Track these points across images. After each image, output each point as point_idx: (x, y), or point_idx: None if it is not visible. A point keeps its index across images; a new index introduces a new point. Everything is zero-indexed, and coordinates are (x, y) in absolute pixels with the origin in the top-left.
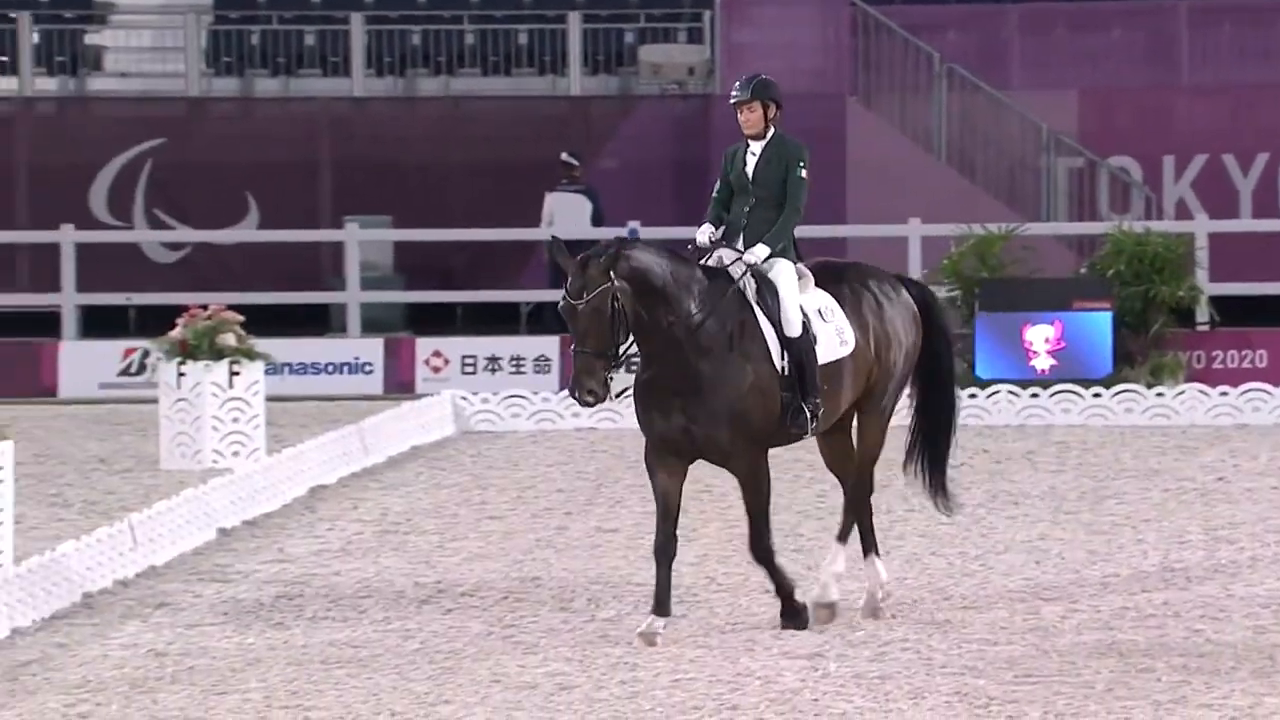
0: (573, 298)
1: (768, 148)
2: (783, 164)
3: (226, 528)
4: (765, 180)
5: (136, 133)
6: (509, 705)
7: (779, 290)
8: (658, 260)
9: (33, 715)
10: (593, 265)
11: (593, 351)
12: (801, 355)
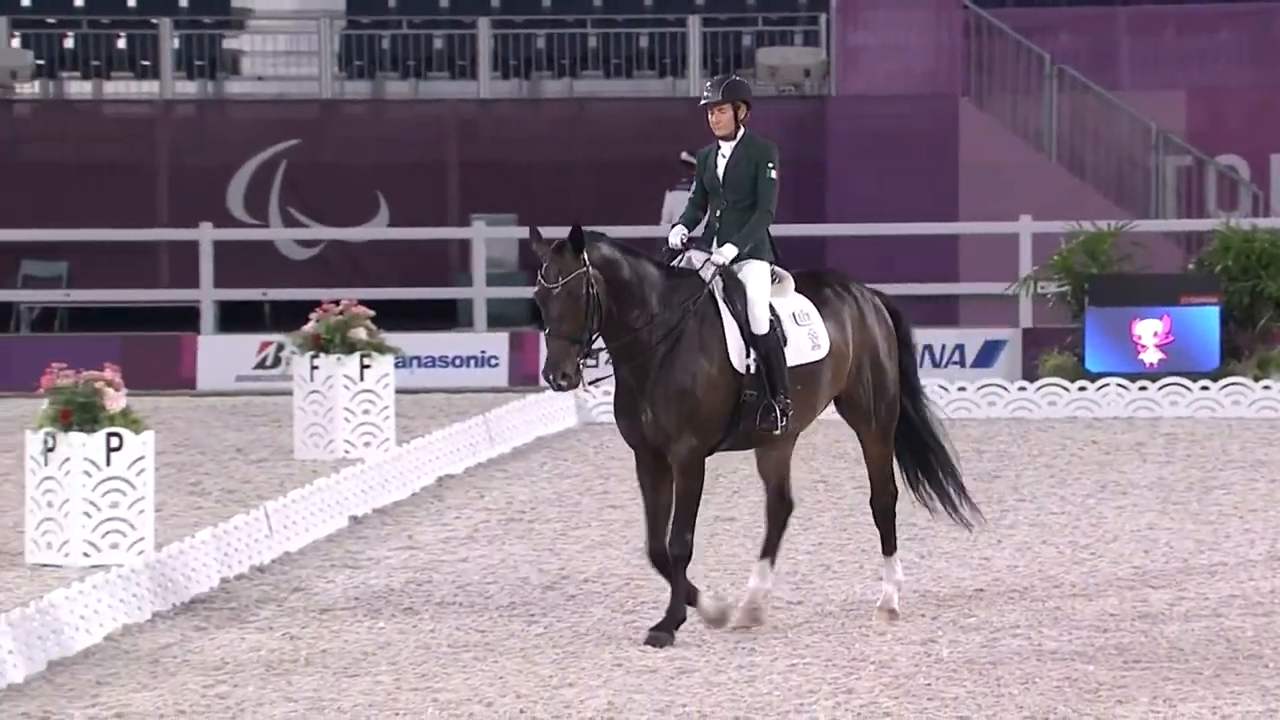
0: (547, 281)
1: (737, 148)
2: (752, 164)
3: (358, 515)
4: (735, 182)
5: (272, 134)
6: (630, 689)
7: (747, 290)
8: (624, 256)
9: (173, 696)
10: (567, 250)
11: (566, 336)
12: (769, 352)
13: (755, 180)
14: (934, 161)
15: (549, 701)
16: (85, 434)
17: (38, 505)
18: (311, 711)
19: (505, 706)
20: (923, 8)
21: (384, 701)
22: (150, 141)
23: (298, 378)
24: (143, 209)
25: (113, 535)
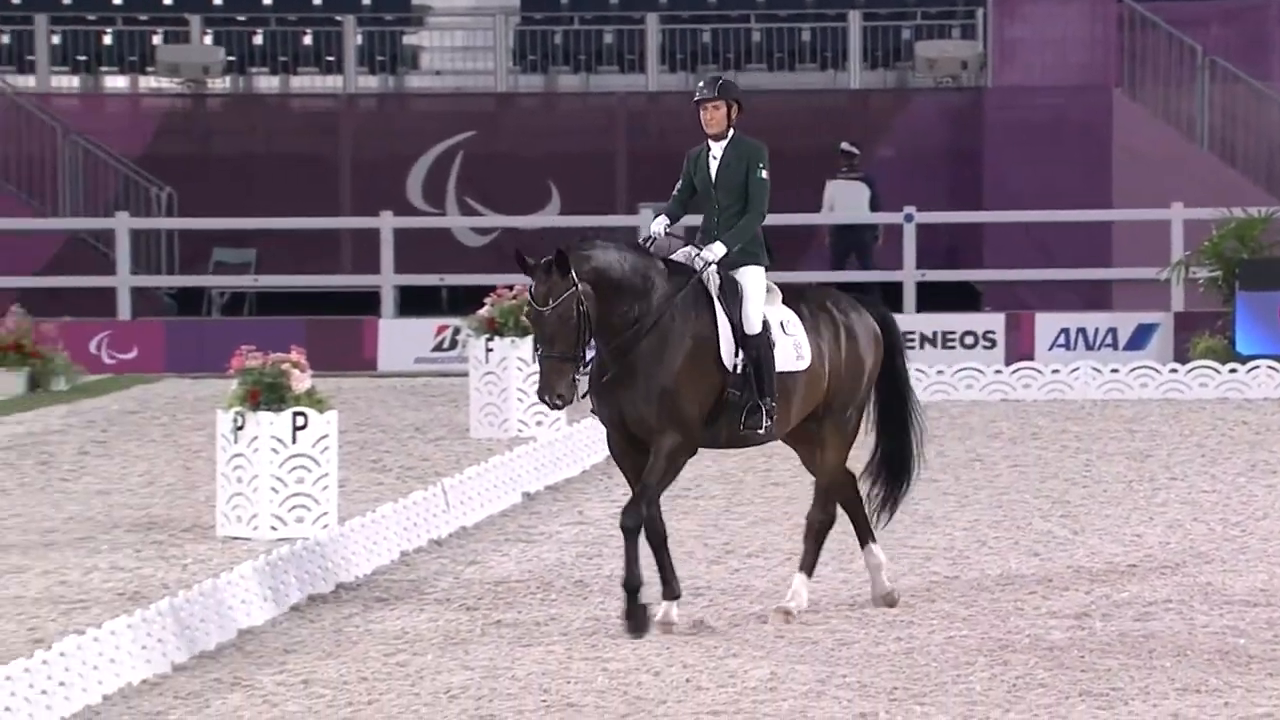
0: (538, 304)
1: (728, 149)
2: (743, 165)
3: (531, 492)
4: (727, 183)
5: (449, 126)
6: (792, 659)
7: (742, 290)
8: (617, 256)
9: (355, 664)
10: (556, 270)
11: (559, 355)
12: (759, 353)
13: (746, 181)
14: (1088, 151)
15: (714, 671)
16: (273, 413)
17: (228, 481)
18: (487, 679)
19: (672, 675)
20: (1078, 1)
21: (556, 670)
22: (334, 134)
23: (473, 359)
24: (327, 198)
25: (298, 510)
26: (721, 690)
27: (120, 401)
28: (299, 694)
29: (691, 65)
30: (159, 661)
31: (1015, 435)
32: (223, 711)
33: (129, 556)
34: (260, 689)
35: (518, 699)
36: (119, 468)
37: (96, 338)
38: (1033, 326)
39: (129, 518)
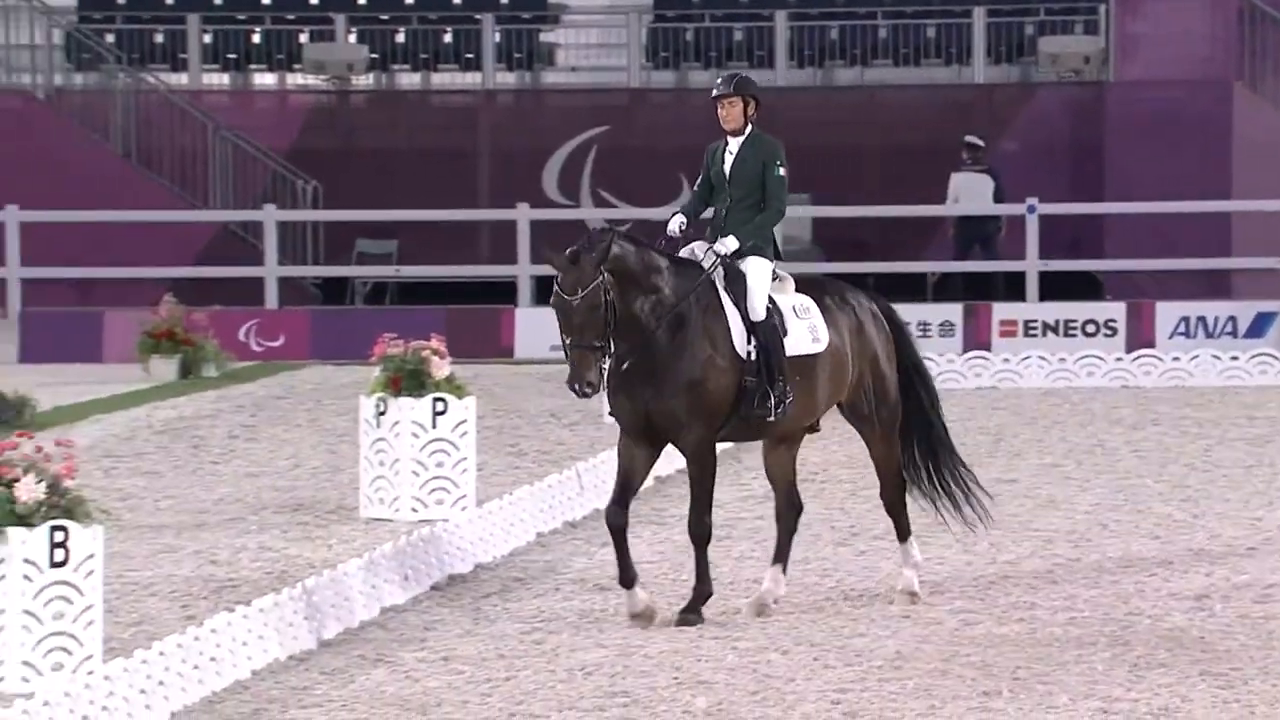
0: (567, 293)
1: (745, 145)
2: (759, 161)
3: (662, 476)
4: (741, 178)
5: (584, 120)
6: (918, 639)
7: (747, 279)
8: (633, 250)
9: (493, 641)
10: (584, 260)
11: (588, 345)
12: (766, 339)
13: (762, 177)
14: (1208, 143)
15: (841, 650)
16: (413, 399)
17: (371, 464)
18: (620, 657)
19: (800, 654)
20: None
21: (687, 649)
22: (473, 129)
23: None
24: (465, 191)
25: (438, 492)
26: (848, 669)
27: (268, 387)
28: (439, 670)
29: (819, 61)
30: (305, 638)
31: (1136, 421)
32: (366, 686)
33: (276, 537)
34: (402, 665)
35: (650, 676)
36: (267, 451)
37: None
38: (1153, 315)
39: (276, 499)
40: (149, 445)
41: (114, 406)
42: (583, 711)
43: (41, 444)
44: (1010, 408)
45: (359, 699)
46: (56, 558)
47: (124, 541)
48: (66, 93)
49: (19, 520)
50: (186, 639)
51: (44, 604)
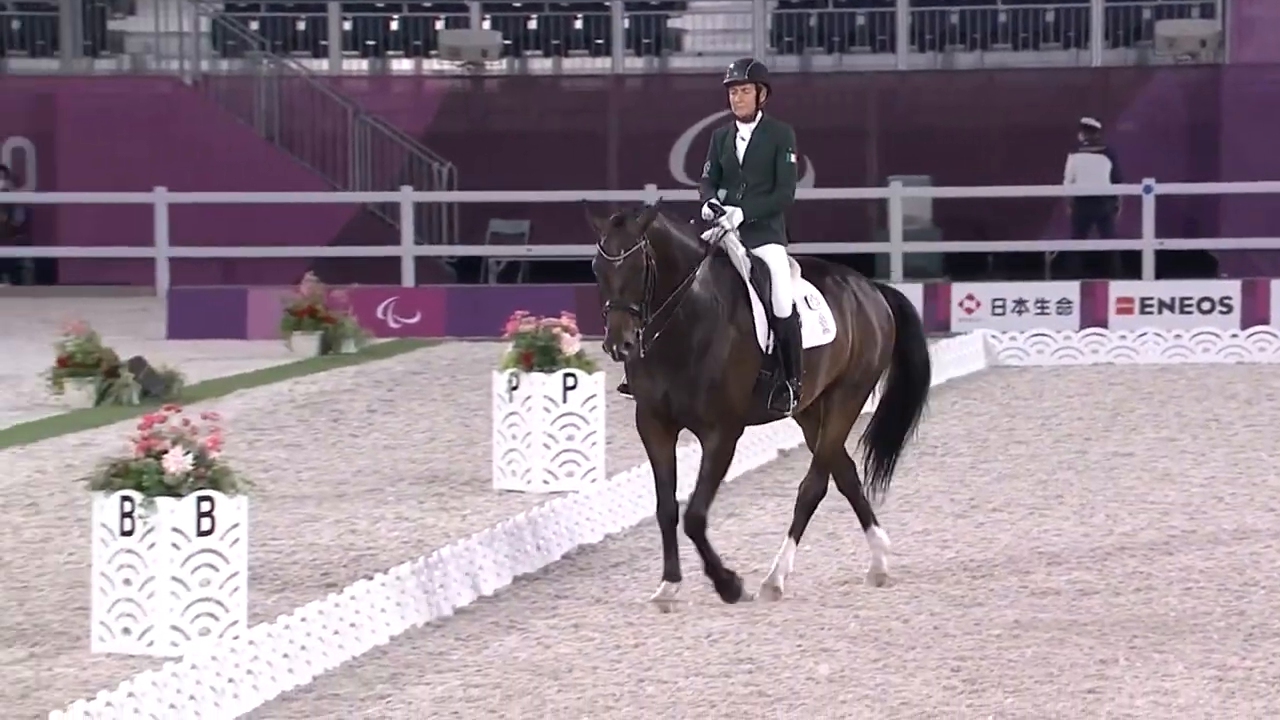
0: (609, 254)
1: (757, 131)
2: (772, 147)
3: (786, 449)
4: (755, 164)
5: (710, 104)
6: (1035, 608)
7: (771, 271)
8: (675, 228)
9: (622, 609)
10: (629, 224)
11: (627, 307)
12: (788, 335)
13: (774, 162)
14: None
15: (960, 619)
16: (545, 374)
17: (503, 437)
18: (745, 624)
19: (920, 623)
20: None
21: (811, 617)
22: (603, 112)
23: None
24: (595, 172)
25: (569, 464)
26: (968, 637)
27: (405, 363)
28: (570, 637)
29: (940, 45)
30: (442, 605)
31: (1250, 396)
32: (500, 653)
33: (413, 507)
34: (534, 632)
35: (774, 643)
36: (403, 425)
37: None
38: (1268, 292)
39: (413, 471)
40: (291, 419)
41: (257, 381)
42: (709, 678)
43: (189, 417)
44: (1126, 383)
45: (492, 664)
46: (203, 527)
47: (267, 511)
48: (213, 78)
49: (168, 490)
50: (327, 605)
51: (191, 571)
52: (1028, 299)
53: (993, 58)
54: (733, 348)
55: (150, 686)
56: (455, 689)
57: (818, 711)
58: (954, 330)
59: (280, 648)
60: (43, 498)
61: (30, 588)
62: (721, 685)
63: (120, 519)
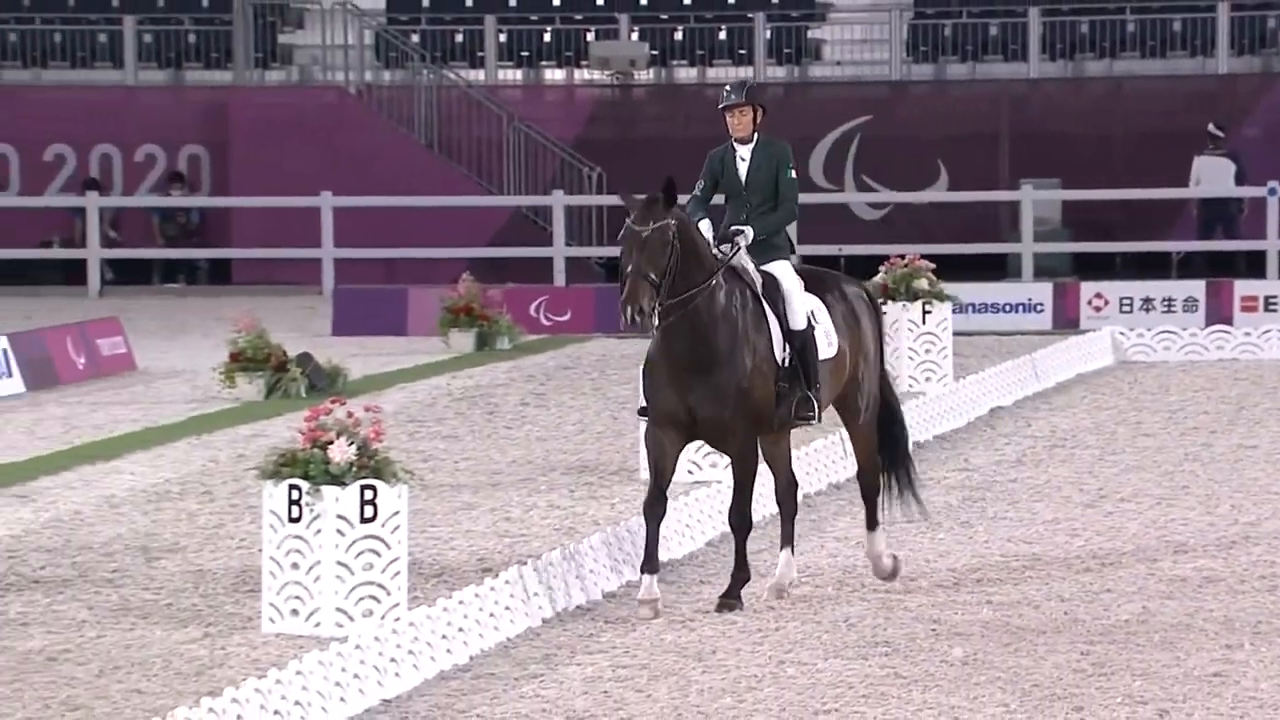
0: (637, 224)
1: (756, 152)
2: (773, 166)
3: (920, 441)
4: (758, 184)
5: (848, 111)
6: (1162, 595)
7: (782, 286)
8: (696, 229)
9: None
10: (659, 202)
11: (646, 276)
12: (805, 346)
13: (776, 181)
14: None
15: (1090, 605)
16: None
17: None
18: (881, 610)
19: (1051, 609)
20: None
21: (945, 602)
22: None
23: None
24: None
25: (711, 455)
26: (1096, 622)
27: (556, 358)
28: (713, 620)
29: (1070, 54)
30: (591, 589)
31: None
32: (647, 635)
33: (564, 496)
34: (680, 615)
35: (909, 628)
36: (555, 417)
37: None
38: None
39: (564, 462)
40: (448, 411)
41: (417, 376)
42: (847, 660)
43: (352, 410)
44: (1251, 378)
45: (640, 646)
46: (366, 514)
47: (426, 500)
48: (376, 88)
49: (333, 480)
50: (483, 589)
51: (355, 556)
52: (1155, 297)
53: (1121, 65)
54: (756, 358)
55: (317, 665)
56: (604, 669)
57: (952, 693)
58: (1083, 327)
59: (439, 629)
60: (216, 486)
61: (205, 571)
62: (859, 667)
63: (288, 506)
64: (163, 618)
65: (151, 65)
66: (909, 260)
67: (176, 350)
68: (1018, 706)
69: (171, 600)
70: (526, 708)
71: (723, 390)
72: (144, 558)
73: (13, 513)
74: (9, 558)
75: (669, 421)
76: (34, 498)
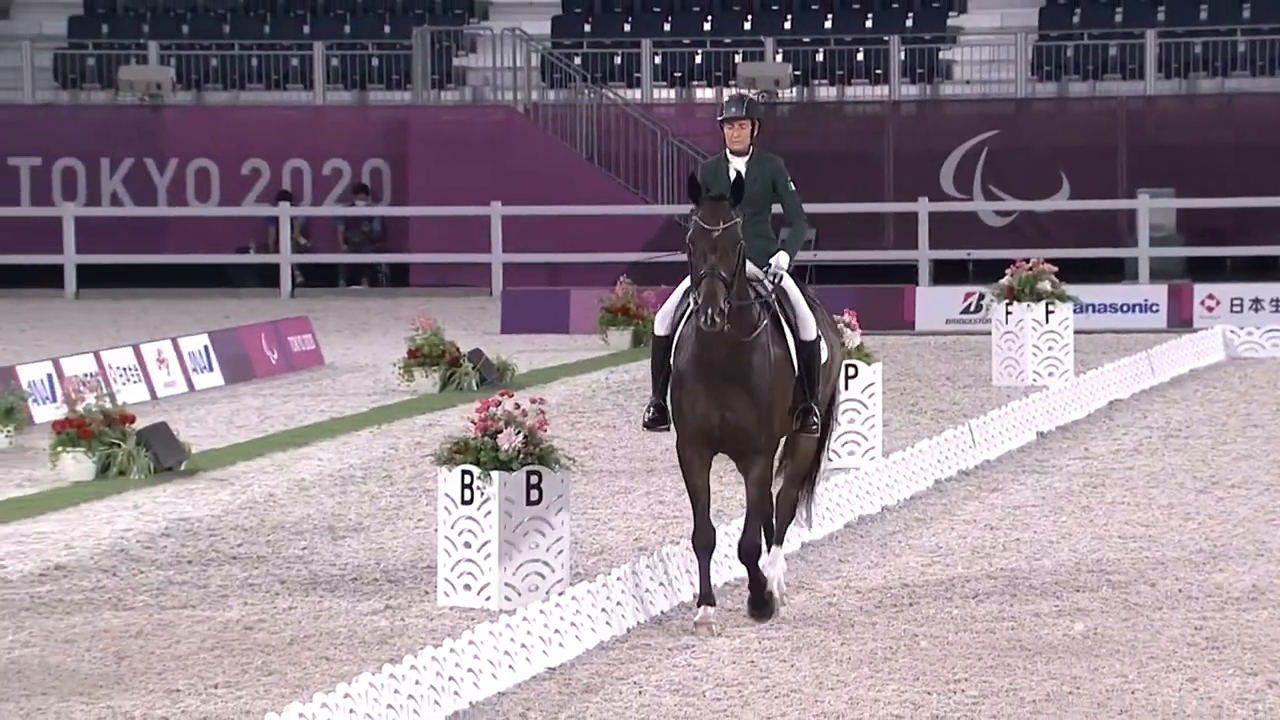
0: (708, 224)
1: (751, 164)
2: (768, 179)
3: (1044, 431)
4: (752, 196)
5: (976, 126)
6: (1270, 575)
7: (790, 296)
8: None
9: (898, 572)
10: (726, 202)
11: (721, 276)
12: (811, 358)
13: (772, 193)
14: None
15: (1202, 583)
16: None
17: None
18: (1008, 587)
19: (1166, 586)
20: None
21: (1065, 581)
22: (880, 134)
23: (995, 320)
24: (874, 187)
25: (850, 444)
26: (1209, 599)
27: None
28: (851, 596)
29: (1184, 72)
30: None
31: None
32: (790, 609)
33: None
34: (819, 591)
35: (1034, 604)
36: None
37: None
38: None
39: None
40: (607, 403)
41: (578, 370)
42: (975, 633)
43: (520, 402)
44: None
45: (783, 619)
46: (532, 497)
47: (586, 484)
48: (541, 106)
49: (501, 465)
50: (639, 566)
51: (522, 535)
52: (1263, 298)
53: (1231, 83)
54: (782, 370)
55: (488, 635)
56: (751, 641)
57: (1073, 664)
58: (1196, 326)
59: (599, 603)
60: (396, 471)
61: (386, 549)
62: (987, 639)
63: (461, 490)
64: (347, 591)
65: (338, 86)
66: (1033, 264)
67: (360, 347)
68: (1135, 677)
69: (356, 575)
70: (679, 676)
71: (757, 399)
72: (330, 536)
73: (213, 495)
74: (210, 535)
75: (701, 436)
76: (232, 481)
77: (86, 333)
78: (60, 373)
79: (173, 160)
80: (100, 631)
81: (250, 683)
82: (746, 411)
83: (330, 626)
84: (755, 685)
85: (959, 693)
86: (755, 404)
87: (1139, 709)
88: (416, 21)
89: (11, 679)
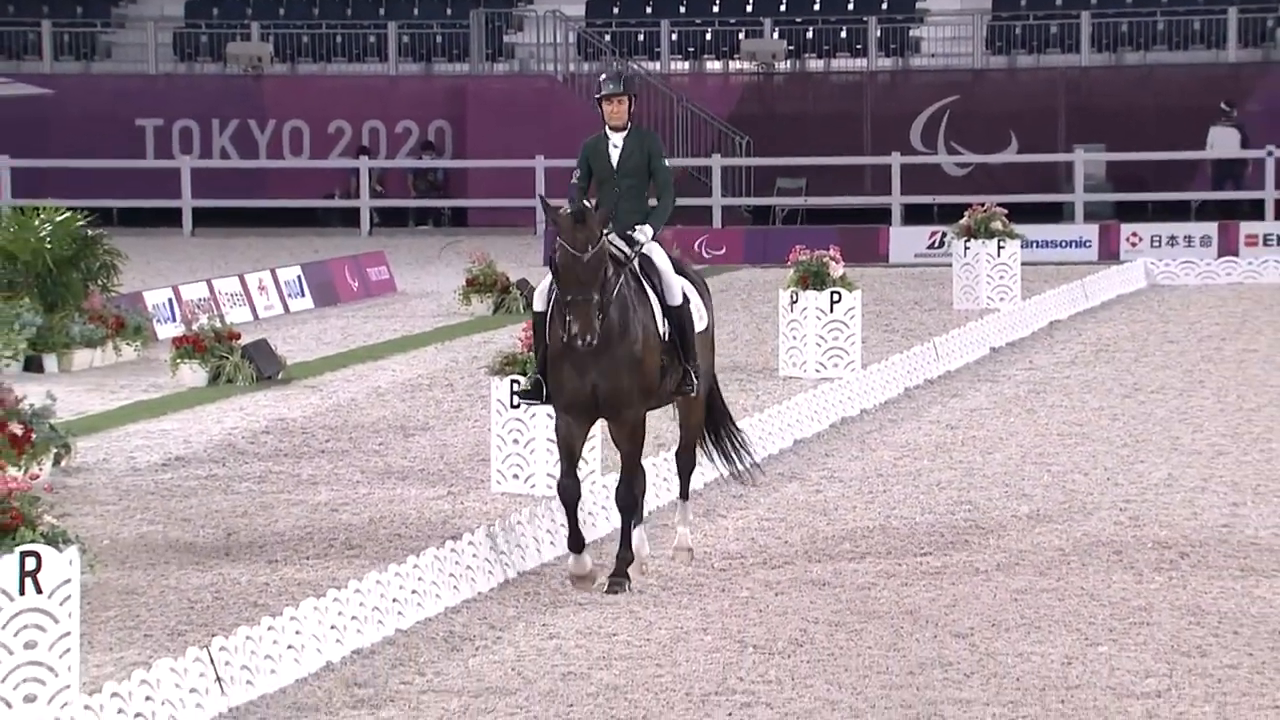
0: (577, 250)
1: (629, 139)
2: (645, 154)
3: (995, 347)
4: (629, 169)
5: (940, 92)
6: (1184, 465)
7: (657, 264)
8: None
9: (873, 464)
10: (590, 220)
11: (587, 299)
12: (683, 322)
13: (648, 166)
14: None
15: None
16: (817, 292)
17: (786, 337)
18: (965, 476)
19: (1097, 475)
20: None
21: (1014, 470)
22: (859, 99)
23: (955, 255)
24: (854, 143)
25: (834, 357)
26: (1133, 485)
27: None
28: (833, 484)
29: (1113, 47)
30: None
31: None
32: (785, 495)
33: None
34: (809, 481)
35: (987, 490)
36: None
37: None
38: None
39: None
40: None
41: None
42: (938, 515)
43: None
44: (1252, 298)
45: (779, 504)
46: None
47: None
48: (578, 76)
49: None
50: (658, 460)
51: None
52: (1178, 235)
53: (1153, 56)
54: (644, 332)
55: (531, 516)
56: (752, 521)
57: (1019, 539)
58: (1122, 259)
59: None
60: (456, 380)
61: (448, 445)
62: (948, 520)
63: (510, 396)
64: (416, 480)
65: (408, 59)
66: (987, 207)
67: (426, 277)
68: (1070, 550)
69: (423, 467)
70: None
71: (621, 361)
72: (402, 434)
73: (305, 399)
74: (302, 433)
75: (576, 406)
76: (320, 388)
77: (200, 264)
78: (179, 297)
79: (271, 121)
80: (212, 512)
81: (336, 555)
82: (615, 371)
83: (401, 509)
84: (755, 558)
85: (924, 564)
86: (621, 364)
87: (1073, 575)
88: (473, 4)
89: (140, 551)
